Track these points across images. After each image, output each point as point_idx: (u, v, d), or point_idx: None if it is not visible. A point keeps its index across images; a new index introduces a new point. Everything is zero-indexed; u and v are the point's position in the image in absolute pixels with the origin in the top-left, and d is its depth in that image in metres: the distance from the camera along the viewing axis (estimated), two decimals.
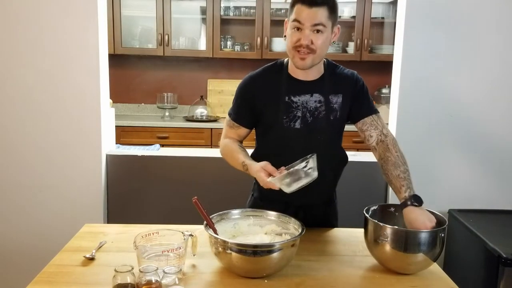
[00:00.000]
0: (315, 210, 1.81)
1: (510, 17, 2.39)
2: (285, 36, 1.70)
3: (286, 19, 1.68)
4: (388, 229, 1.46)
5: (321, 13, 1.57)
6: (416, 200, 1.55)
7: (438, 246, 1.45)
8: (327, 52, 1.72)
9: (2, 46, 2.41)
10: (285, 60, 1.78)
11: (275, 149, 1.75)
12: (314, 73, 1.72)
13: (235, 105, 1.81)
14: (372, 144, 1.77)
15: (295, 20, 1.59)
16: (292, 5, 1.61)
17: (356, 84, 1.79)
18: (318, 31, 1.59)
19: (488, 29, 2.39)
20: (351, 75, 1.80)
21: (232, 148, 1.76)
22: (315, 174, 1.52)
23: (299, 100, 1.71)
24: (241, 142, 1.83)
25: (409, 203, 1.54)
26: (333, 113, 1.73)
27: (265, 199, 1.81)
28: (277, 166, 1.60)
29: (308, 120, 1.71)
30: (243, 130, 1.80)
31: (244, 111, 1.78)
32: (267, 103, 1.72)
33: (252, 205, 1.86)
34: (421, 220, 1.49)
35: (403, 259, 1.46)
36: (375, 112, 1.81)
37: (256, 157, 1.76)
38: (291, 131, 1.70)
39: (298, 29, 1.59)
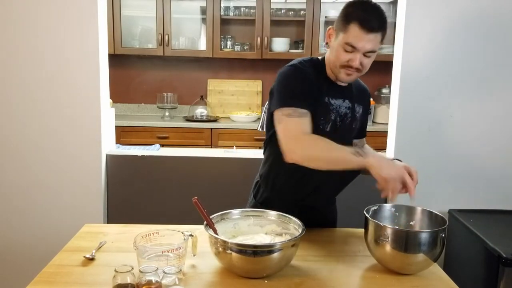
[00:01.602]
0: (316, 211, 1.81)
1: (510, 16, 2.39)
2: (327, 43, 1.65)
3: (331, 27, 1.62)
4: (389, 229, 1.46)
5: (375, 39, 1.55)
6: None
7: (438, 246, 1.45)
8: (325, 52, 1.71)
9: (2, 46, 2.41)
10: (320, 58, 1.71)
11: None
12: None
13: (292, 93, 1.57)
14: None
15: (349, 43, 1.54)
16: (347, 21, 1.54)
17: (369, 101, 1.84)
18: (369, 56, 1.59)
19: (488, 28, 2.39)
20: (367, 89, 1.83)
21: (326, 141, 1.52)
22: None
23: (335, 103, 1.67)
24: None
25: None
26: (355, 122, 1.74)
27: (268, 202, 1.77)
28: (303, 170, 1.49)
29: (337, 124, 1.68)
30: (310, 119, 1.57)
31: (306, 95, 1.58)
32: (311, 100, 1.60)
33: (264, 200, 1.81)
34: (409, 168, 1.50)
35: (403, 259, 1.46)
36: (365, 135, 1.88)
37: (274, 162, 1.69)
38: (322, 133, 1.61)
39: (350, 51, 1.56)
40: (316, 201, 1.81)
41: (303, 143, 1.52)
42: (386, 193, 1.44)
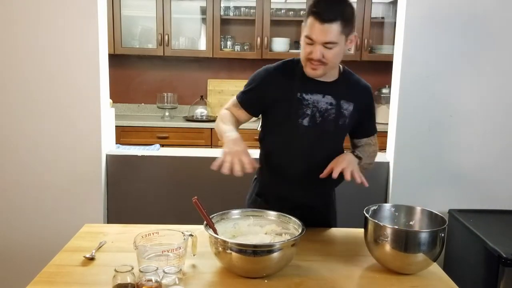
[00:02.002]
0: (314, 211, 1.82)
1: (510, 17, 2.39)
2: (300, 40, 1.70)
3: (303, 24, 1.67)
4: (388, 229, 1.46)
5: (332, 30, 1.57)
6: (358, 154, 1.75)
7: (438, 246, 1.45)
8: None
9: (2, 46, 2.41)
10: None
11: (281, 144, 1.77)
12: (328, 76, 1.73)
13: (245, 91, 1.81)
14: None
15: (307, 36, 1.61)
16: (307, 15, 1.62)
17: (369, 99, 1.84)
18: (329, 47, 1.60)
19: (488, 28, 2.39)
20: (366, 88, 1.83)
21: (228, 118, 1.78)
22: None
23: (310, 98, 1.72)
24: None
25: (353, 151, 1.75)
26: (342, 119, 1.75)
27: (264, 196, 1.85)
28: (281, 161, 1.68)
29: (317, 120, 1.72)
30: (243, 114, 1.81)
31: (252, 98, 1.79)
32: (280, 98, 1.73)
33: (252, 203, 1.88)
34: (341, 160, 1.64)
35: (403, 259, 1.46)
36: (375, 131, 1.90)
37: (262, 157, 1.82)
38: (299, 127, 1.72)
39: (310, 43, 1.61)
40: (309, 199, 1.82)
41: (220, 114, 1.84)
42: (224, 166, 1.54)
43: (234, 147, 1.56)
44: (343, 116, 1.75)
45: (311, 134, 1.73)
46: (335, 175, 1.60)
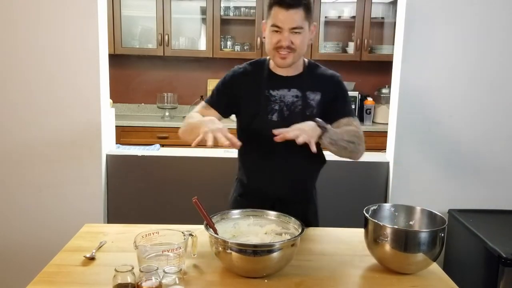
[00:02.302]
0: (291, 207, 1.77)
1: (510, 18, 2.39)
2: (264, 37, 1.78)
3: (264, 21, 1.76)
4: (388, 229, 1.46)
5: (298, 15, 1.65)
6: (322, 123, 1.63)
7: (438, 246, 1.45)
8: (324, 52, 1.75)
9: (2, 46, 2.41)
10: (268, 57, 1.85)
11: (253, 142, 1.81)
12: (293, 70, 1.80)
13: (213, 93, 1.88)
14: None
15: (274, 24, 1.67)
16: (270, 7, 1.70)
17: (337, 86, 1.85)
18: (296, 32, 1.67)
19: (488, 28, 2.39)
20: (333, 76, 1.86)
21: (195, 115, 1.81)
22: None
23: (277, 94, 1.79)
24: None
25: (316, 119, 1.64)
26: (309, 109, 1.79)
27: (244, 195, 1.88)
28: (258, 160, 1.75)
29: (285, 113, 1.78)
30: (213, 113, 1.83)
31: (221, 98, 1.85)
32: (248, 97, 1.81)
33: (234, 202, 1.92)
34: (298, 126, 1.58)
35: (403, 259, 1.46)
36: (353, 115, 1.85)
37: (240, 157, 1.89)
38: (268, 123, 1.76)
39: (277, 31, 1.67)
40: (287, 192, 1.84)
41: (183, 122, 1.87)
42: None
43: (213, 125, 1.56)
44: (310, 106, 1.79)
45: (280, 127, 1.72)
46: (287, 137, 1.57)
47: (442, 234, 1.47)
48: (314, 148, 1.56)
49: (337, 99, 1.83)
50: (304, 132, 1.57)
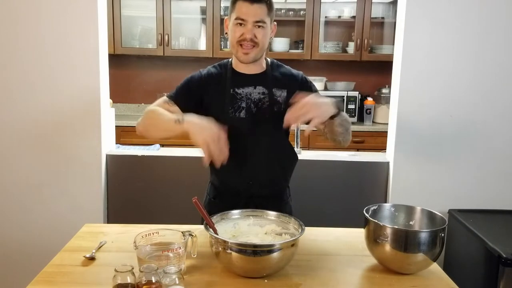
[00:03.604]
0: (265, 204, 1.77)
1: (510, 18, 2.39)
2: (226, 33, 1.81)
3: (226, 18, 1.79)
4: (388, 229, 1.46)
5: (261, 10, 1.71)
6: (338, 102, 1.65)
7: (438, 246, 1.45)
8: (324, 52, 1.75)
9: (2, 46, 2.41)
10: (230, 59, 1.90)
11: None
12: (256, 68, 1.83)
13: (178, 89, 1.87)
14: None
15: (238, 18, 1.71)
16: (233, 2, 1.73)
17: (303, 83, 1.88)
18: (259, 26, 1.71)
19: (488, 28, 2.39)
20: (297, 74, 1.90)
21: (160, 111, 1.75)
22: None
23: (243, 91, 1.81)
24: None
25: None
26: (277, 105, 1.81)
27: (218, 196, 1.88)
28: (228, 160, 1.66)
29: (253, 110, 1.80)
30: (175, 109, 1.80)
31: (184, 94, 1.85)
32: (214, 97, 1.82)
33: (208, 205, 1.90)
34: (317, 100, 1.57)
35: (403, 259, 1.46)
36: None
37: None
38: (236, 120, 1.78)
39: (240, 24, 1.71)
40: (259, 188, 1.83)
41: (144, 115, 1.80)
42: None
43: (206, 131, 1.57)
44: (277, 102, 1.81)
45: (249, 124, 1.79)
46: (298, 121, 1.58)
47: (442, 234, 1.47)
48: (311, 128, 1.55)
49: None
50: (317, 110, 1.55)
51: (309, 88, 1.87)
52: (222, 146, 1.57)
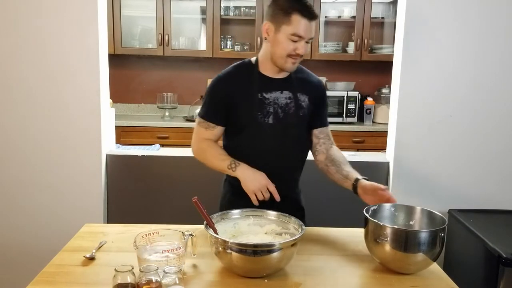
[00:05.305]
0: (281, 207, 1.76)
1: (510, 17, 2.39)
2: (265, 38, 1.77)
3: (267, 22, 1.74)
4: (388, 229, 1.46)
5: (314, 26, 1.73)
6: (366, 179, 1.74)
7: (438, 246, 1.45)
8: (324, 52, 1.78)
9: (2, 46, 2.41)
10: (253, 59, 1.86)
11: (247, 147, 1.81)
12: (282, 72, 1.81)
13: (207, 106, 1.84)
14: (322, 150, 1.89)
15: (295, 34, 1.67)
16: (288, 13, 1.68)
17: (323, 92, 1.93)
18: (308, 42, 1.73)
19: (488, 28, 2.39)
20: (318, 82, 1.93)
21: (216, 149, 1.83)
22: None
23: (270, 96, 1.80)
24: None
25: (361, 177, 1.75)
26: (301, 110, 1.83)
27: (237, 194, 1.85)
28: (248, 163, 1.76)
29: (280, 115, 1.80)
30: (219, 129, 1.84)
31: (218, 110, 1.82)
32: (240, 101, 1.79)
33: (228, 202, 1.89)
34: (378, 187, 1.66)
35: (403, 258, 1.46)
36: (328, 124, 1.96)
37: (231, 156, 1.84)
38: (265, 126, 1.78)
39: (295, 41, 1.69)
40: (281, 187, 1.82)
41: (199, 147, 1.86)
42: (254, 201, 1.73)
43: (255, 182, 1.72)
44: (302, 107, 1.83)
45: (276, 130, 1.80)
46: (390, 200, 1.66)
47: (442, 234, 1.47)
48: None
49: (322, 106, 1.90)
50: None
51: (325, 99, 1.94)
52: (269, 194, 1.72)
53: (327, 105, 1.97)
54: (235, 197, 1.89)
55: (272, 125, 1.78)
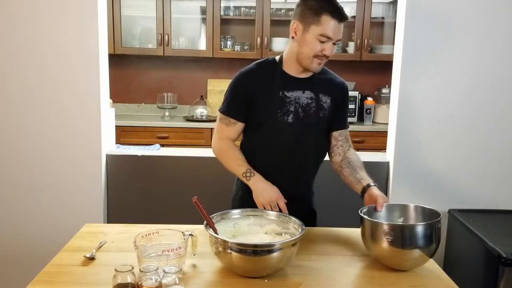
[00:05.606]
0: (294, 207, 1.78)
1: (510, 17, 2.39)
2: (293, 37, 1.75)
3: (295, 21, 1.72)
4: (384, 226, 1.47)
5: (342, 28, 1.71)
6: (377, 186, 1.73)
7: (434, 239, 1.46)
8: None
9: (2, 46, 2.41)
10: (277, 57, 1.85)
11: (265, 144, 1.81)
12: (306, 72, 1.80)
13: (229, 102, 1.83)
14: (339, 152, 1.89)
15: (324, 34, 1.67)
16: (318, 13, 1.66)
17: (345, 94, 1.91)
18: (335, 43, 1.72)
19: (488, 29, 2.39)
20: (342, 83, 1.91)
21: (234, 152, 1.83)
22: None
23: (292, 95, 1.79)
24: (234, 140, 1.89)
25: (373, 184, 1.73)
26: (322, 111, 1.82)
27: (249, 192, 1.84)
28: (265, 161, 1.77)
29: (300, 115, 1.79)
30: (239, 126, 1.84)
31: (239, 105, 1.81)
32: (261, 98, 1.78)
33: (240, 199, 1.89)
34: (381, 195, 1.66)
35: (399, 255, 1.46)
36: (348, 126, 1.96)
37: (246, 154, 1.84)
38: (284, 124, 1.77)
39: (324, 41, 1.68)
40: (292, 193, 1.82)
41: (219, 146, 1.86)
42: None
43: (266, 196, 1.72)
44: (323, 108, 1.82)
45: (296, 129, 1.79)
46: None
47: (439, 225, 1.47)
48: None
49: (343, 108, 1.90)
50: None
51: (347, 102, 1.95)
52: (278, 209, 1.70)
53: (348, 107, 1.97)
54: (247, 194, 1.87)
55: (291, 124, 1.78)
